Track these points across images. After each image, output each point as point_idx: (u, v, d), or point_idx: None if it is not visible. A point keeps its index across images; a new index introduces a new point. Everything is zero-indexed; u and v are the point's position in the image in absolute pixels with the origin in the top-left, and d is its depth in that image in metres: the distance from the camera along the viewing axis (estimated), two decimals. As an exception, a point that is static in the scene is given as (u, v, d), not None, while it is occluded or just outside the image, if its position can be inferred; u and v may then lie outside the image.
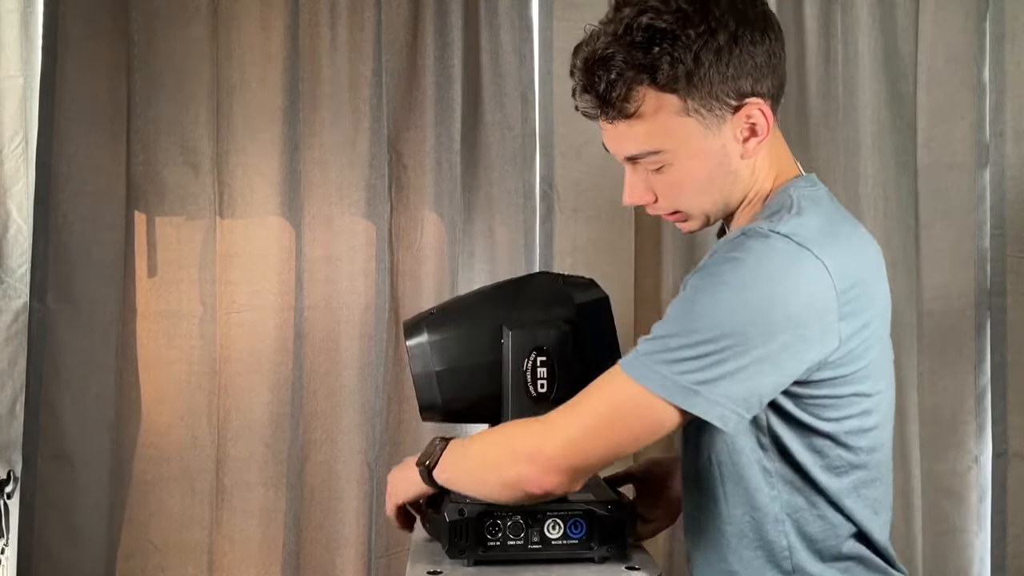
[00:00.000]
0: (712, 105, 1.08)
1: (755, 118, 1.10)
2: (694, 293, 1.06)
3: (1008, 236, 1.95)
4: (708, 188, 1.15)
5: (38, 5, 1.79)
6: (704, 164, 1.12)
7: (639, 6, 1.08)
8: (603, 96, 1.10)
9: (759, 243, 1.05)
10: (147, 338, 1.87)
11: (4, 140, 1.78)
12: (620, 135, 1.13)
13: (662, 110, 1.09)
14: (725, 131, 1.10)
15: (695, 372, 1.03)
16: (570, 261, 1.93)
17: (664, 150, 1.11)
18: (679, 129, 1.09)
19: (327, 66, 1.89)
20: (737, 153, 1.12)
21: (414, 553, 1.32)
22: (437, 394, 1.29)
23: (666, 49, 1.06)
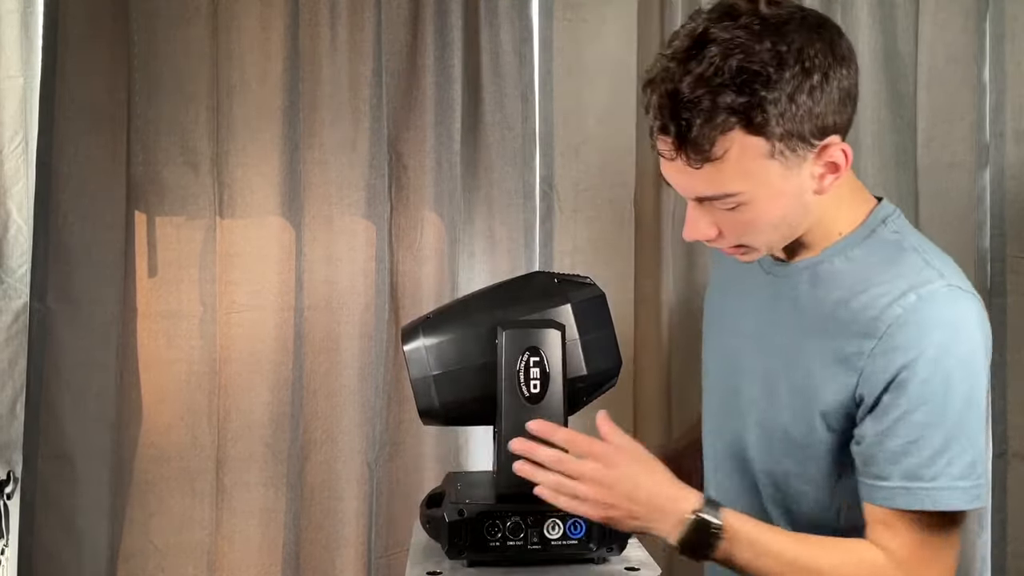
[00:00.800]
0: (797, 146, 1.05)
1: (836, 157, 1.08)
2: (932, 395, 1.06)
3: (1008, 236, 1.95)
4: (779, 225, 1.13)
5: (38, 5, 1.79)
6: (780, 204, 1.10)
7: (726, 45, 1.02)
8: (690, 141, 1.04)
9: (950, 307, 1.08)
10: (147, 338, 1.87)
11: (4, 140, 1.78)
12: (696, 177, 1.08)
13: (746, 153, 1.04)
14: (804, 169, 1.08)
15: (978, 468, 1.08)
16: (570, 261, 1.93)
17: (742, 192, 1.08)
18: (760, 172, 1.06)
19: (327, 66, 1.89)
20: (812, 189, 1.10)
21: (414, 553, 1.33)
22: (435, 398, 1.29)
23: (760, 93, 1.02)
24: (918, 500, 1.07)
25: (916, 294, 1.07)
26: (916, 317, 1.07)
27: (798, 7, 1.08)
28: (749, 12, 1.04)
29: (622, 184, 1.94)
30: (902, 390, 1.06)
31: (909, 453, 1.07)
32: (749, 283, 1.27)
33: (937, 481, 1.06)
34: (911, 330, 1.07)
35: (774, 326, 1.21)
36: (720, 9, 1.06)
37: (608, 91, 1.93)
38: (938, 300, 1.08)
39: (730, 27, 1.03)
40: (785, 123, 1.03)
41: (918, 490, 1.07)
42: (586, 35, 1.93)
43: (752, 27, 1.03)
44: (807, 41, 1.04)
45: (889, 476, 1.08)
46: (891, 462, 1.08)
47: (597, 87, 1.93)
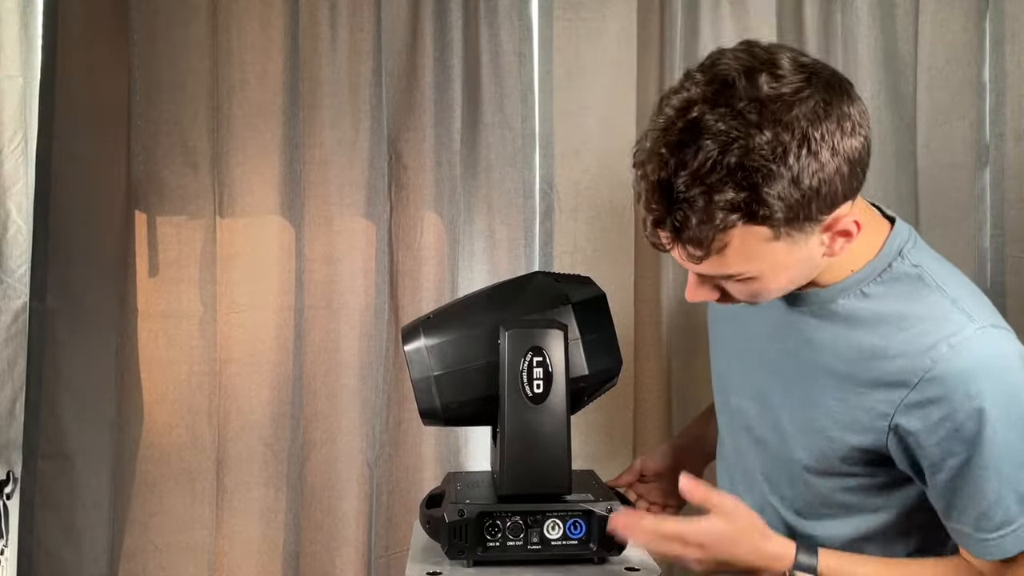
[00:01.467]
0: (804, 225, 1.00)
1: (847, 226, 1.03)
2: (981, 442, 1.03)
3: (1008, 236, 1.94)
4: (788, 286, 1.10)
5: (38, 5, 1.79)
6: (787, 273, 1.07)
7: (722, 139, 0.95)
8: (688, 238, 1.00)
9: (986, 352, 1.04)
10: (147, 338, 1.87)
11: (4, 140, 1.78)
12: (702, 266, 1.04)
13: (748, 241, 1.00)
14: (812, 240, 1.03)
15: None
16: (570, 261, 1.93)
17: (746, 271, 1.04)
18: (765, 254, 1.02)
19: (327, 66, 1.89)
20: (821, 253, 1.06)
21: (414, 553, 1.33)
22: (436, 399, 1.29)
23: (762, 189, 0.95)
24: (987, 551, 1.07)
25: (947, 344, 1.04)
26: (950, 369, 1.03)
27: (803, 77, 0.99)
28: (747, 95, 0.96)
29: (622, 184, 1.94)
30: (949, 444, 1.04)
31: (972, 503, 1.05)
32: (748, 319, 1.25)
33: (1001, 530, 1.05)
34: (947, 382, 1.03)
35: (786, 356, 1.19)
36: (715, 84, 0.98)
37: (608, 91, 1.93)
38: (972, 348, 1.04)
39: (726, 116, 0.95)
40: (790, 210, 0.97)
41: (983, 541, 1.06)
42: (586, 35, 1.93)
43: (750, 116, 0.95)
44: (813, 122, 0.96)
45: (963, 523, 1.07)
46: (960, 509, 1.07)
47: (597, 87, 1.93)
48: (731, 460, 1.34)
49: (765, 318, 1.22)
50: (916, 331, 1.06)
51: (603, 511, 1.25)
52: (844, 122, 0.99)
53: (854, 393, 1.10)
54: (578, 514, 1.26)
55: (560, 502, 1.27)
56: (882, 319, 1.09)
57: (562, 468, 1.26)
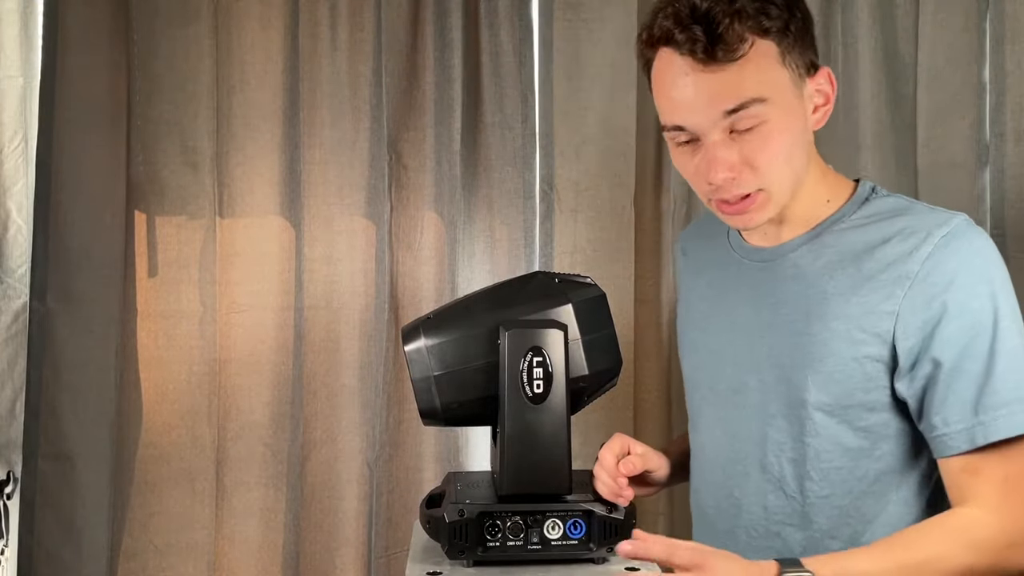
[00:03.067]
0: (799, 63, 1.14)
1: (825, 84, 1.17)
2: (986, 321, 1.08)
3: (1008, 236, 1.94)
4: (791, 157, 1.16)
5: (38, 5, 1.79)
6: (793, 123, 1.15)
7: None
8: (718, 36, 1.10)
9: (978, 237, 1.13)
10: (147, 338, 1.88)
11: (4, 140, 1.78)
12: (720, 84, 1.12)
13: (764, 56, 1.11)
14: (805, 94, 1.16)
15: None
16: (570, 261, 1.93)
17: (767, 98, 1.12)
18: (778, 79, 1.13)
19: (327, 66, 1.89)
20: (811, 123, 1.17)
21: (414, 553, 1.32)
22: (436, 399, 1.29)
23: (767, 8, 1.11)
24: (995, 430, 1.07)
25: (941, 232, 1.11)
26: (948, 250, 1.10)
27: None
28: None
29: (622, 184, 1.94)
30: (955, 324, 1.09)
31: (979, 386, 1.08)
32: (728, 282, 1.28)
33: (1011, 406, 1.07)
34: (949, 263, 1.10)
35: (776, 307, 1.21)
36: None
37: (608, 91, 1.93)
38: (965, 232, 1.12)
39: None
40: (790, 30, 1.12)
41: (992, 422, 1.07)
42: (586, 35, 1.93)
43: None
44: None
45: (961, 418, 1.08)
46: (961, 403, 1.08)
47: (597, 87, 1.93)
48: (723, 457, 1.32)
49: (744, 293, 1.26)
50: (906, 232, 1.13)
51: (603, 511, 1.25)
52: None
53: (856, 305, 1.14)
54: (578, 514, 1.26)
55: (560, 502, 1.26)
56: (875, 233, 1.16)
57: (562, 468, 1.26)
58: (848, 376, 1.15)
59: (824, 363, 1.16)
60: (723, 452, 1.30)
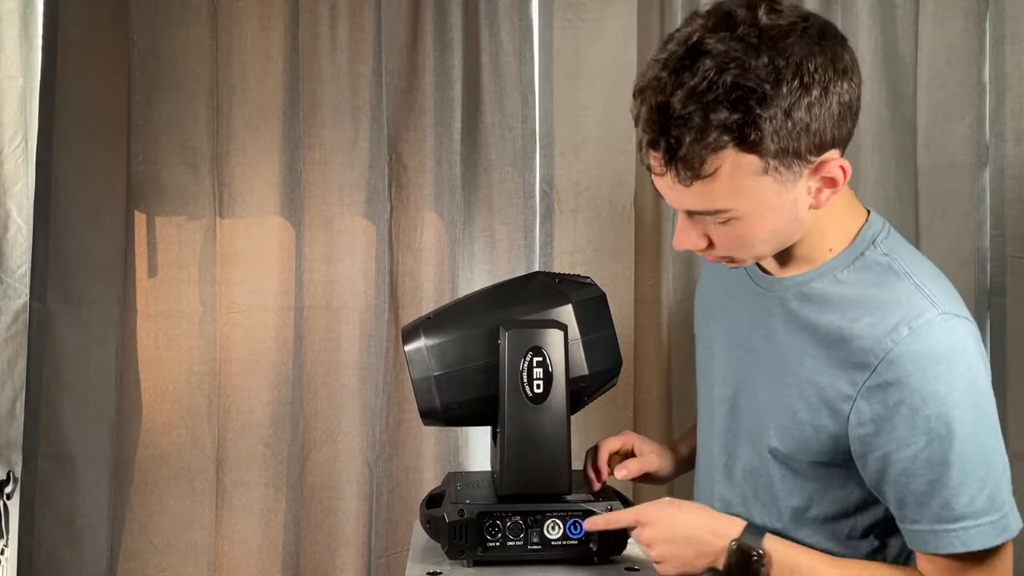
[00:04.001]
0: (792, 163, 1.01)
1: (834, 173, 1.04)
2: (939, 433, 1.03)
3: (1008, 236, 1.94)
4: (771, 238, 1.10)
5: (38, 5, 1.79)
6: (773, 219, 1.06)
7: (721, 59, 0.97)
8: (680, 158, 1.00)
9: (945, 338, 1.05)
10: (147, 338, 1.88)
11: (4, 140, 1.78)
12: (685, 193, 1.04)
13: (739, 171, 1.00)
14: (799, 185, 1.04)
15: (998, 499, 1.05)
16: (570, 261, 1.93)
17: (733, 208, 1.04)
18: (753, 189, 1.02)
19: (327, 66, 1.89)
20: (807, 204, 1.07)
21: (414, 553, 1.33)
22: (436, 399, 1.29)
23: (755, 110, 0.97)
24: (948, 543, 1.05)
25: (908, 327, 1.04)
26: (910, 351, 1.04)
27: (800, 15, 1.02)
28: (747, 22, 0.99)
29: (622, 184, 1.94)
30: (907, 427, 1.04)
31: (931, 494, 1.04)
32: (739, 288, 1.25)
33: (963, 522, 1.04)
34: (906, 365, 1.03)
35: (764, 340, 1.19)
36: (717, 15, 1.01)
37: (608, 91, 1.93)
38: (933, 332, 1.04)
39: (726, 38, 0.98)
40: (780, 140, 0.98)
41: (944, 532, 1.05)
42: (586, 35, 1.93)
43: (749, 40, 0.98)
44: (807, 54, 0.98)
45: (918, 520, 1.06)
46: (917, 504, 1.06)
47: (597, 87, 1.93)
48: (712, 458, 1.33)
49: (746, 306, 1.23)
50: (881, 314, 1.07)
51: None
52: (837, 62, 1.01)
53: (824, 375, 1.11)
54: (578, 514, 1.26)
55: (560, 502, 1.27)
56: (851, 303, 1.10)
57: (562, 468, 1.26)
58: (804, 438, 1.13)
59: (785, 416, 1.14)
60: (706, 449, 1.32)
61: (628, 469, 1.39)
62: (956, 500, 1.04)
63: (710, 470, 1.31)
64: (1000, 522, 1.05)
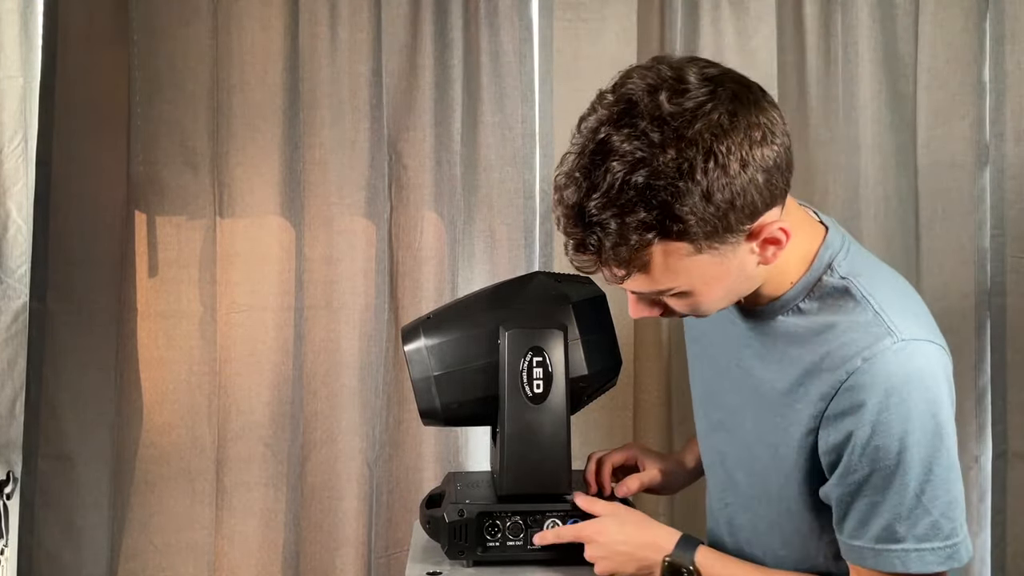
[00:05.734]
0: (726, 237, 1.00)
1: (773, 234, 1.03)
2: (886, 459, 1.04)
3: (1008, 236, 1.94)
4: (726, 297, 1.10)
5: (38, 5, 1.79)
6: (721, 284, 1.06)
7: (628, 159, 0.95)
8: (607, 260, 1.00)
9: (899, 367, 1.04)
10: (147, 338, 1.87)
11: (4, 140, 1.78)
12: (627, 283, 1.05)
13: (671, 256, 1.00)
14: (740, 251, 1.03)
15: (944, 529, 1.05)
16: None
17: (677, 286, 1.04)
18: (692, 267, 1.02)
19: (327, 66, 1.89)
20: (755, 263, 1.06)
21: (414, 553, 1.33)
22: (436, 399, 1.29)
23: (673, 205, 0.95)
24: (888, 563, 1.06)
25: (861, 358, 1.04)
26: (861, 381, 1.04)
27: (707, 91, 0.98)
28: (649, 114, 0.97)
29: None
30: (857, 455, 1.05)
31: (874, 515, 1.06)
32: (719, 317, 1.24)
33: (904, 543, 1.05)
34: (858, 395, 1.04)
35: (743, 372, 1.20)
36: (619, 104, 1.00)
37: (608, 91, 1.93)
38: (888, 361, 1.04)
39: (630, 136, 0.96)
40: (706, 224, 0.97)
41: (886, 552, 1.06)
42: (586, 35, 1.93)
43: (652, 136, 0.96)
44: (717, 136, 0.96)
45: (859, 536, 1.08)
46: (859, 523, 1.08)
47: (597, 87, 1.91)
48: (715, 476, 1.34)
49: (728, 334, 1.23)
50: (839, 343, 1.07)
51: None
52: (753, 131, 0.98)
53: (792, 409, 1.12)
54: (578, 514, 1.26)
55: (560, 502, 1.27)
56: (812, 334, 1.10)
57: (562, 468, 1.26)
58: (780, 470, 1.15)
59: (767, 451, 1.16)
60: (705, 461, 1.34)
61: (628, 487, 1.40)
62: (898, 524, 1.05)
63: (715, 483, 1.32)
64: (945, 550, 1.05)
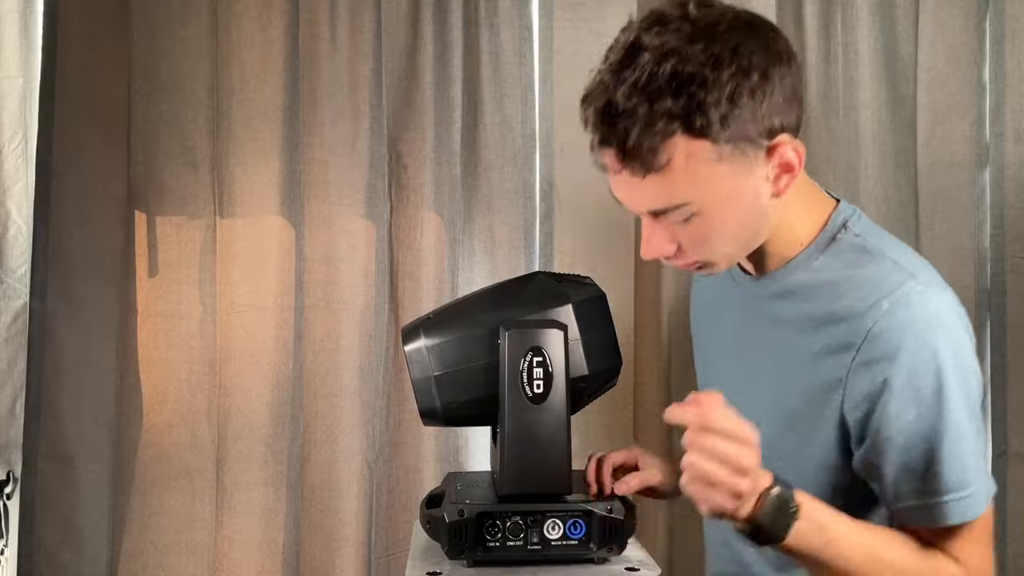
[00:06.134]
0: (746, 148, 1.03)
1: (788, 156, 1.06)
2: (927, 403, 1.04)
3: (1008, 236, 1.94)
4: (737, 233, 1.11)
5: (38, 5, 1.79)
6: (735, 209, 1.08)
7: (658, 51, 1.00)
8: (630, 150, 1.02)
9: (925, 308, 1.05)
10: (147, 338, 1.87)
11: (4, 140, 1.78)
12: (644, 189, 1.06)
13: (693, 158, 1.02)
14: (757, 172, 1.06)
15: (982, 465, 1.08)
16: (570, 261, 1.93)
17: (694, 201, 1.05)
18: (710, 177, 1.04)
19: (327, 66, 1.89)
20: (768, 193, 1.08)
21: (414, 553, 1.33)
22: (436, 399, 1.29)
23: (698, 96, 0.99)
24: (942, 515, 1.05)
25: (888, 301, 1.05)
26: (892, 324, 1.04)
27: (729, 7, 1.06)
28: (678, 17, 1.03)
29: (622, 184, 1.94)
30: (898, 403, 1.04)
31: (927, 466, 1.05)
32: (727, 295, 1.26)
33: (963, 491, 1.05)
34: (889, 339, 1.04)
35: (755, 345, 1.20)
36: (650, 17, 1.05)
37: (608, 91, 1.93)
38: (913, 303, 1.05)
39: (661, 32, 1.02)
40: (729, 125, 1.01)
41: (937, 506, 1.05)
42: (586, 35, 1.93)
43: (683, 31, 1.01)
44: (741, 41, 1.02)
45: (915, 495, 1.07)
46: (914, 479, 1.06)
47: (597, 87, 1.93)
48: None
49: (735, 315, 1.24)
50: (859, 293, 1.08)
51: (603, 511, 1.25)
52: (772, 47, 1.05)
53: (811, 365, 1.11)
54: (578, 514, 1.26)
55: (560, 502, 1.27)
56: (829, 287, 1.11)
57: (562, 468, 1.26)
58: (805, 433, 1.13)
59: (785, 419, 1.15)
60: None
61: (628, 484, 1.39)
62: (949, 470, 1.05)
63: None
64: (988, 488, 1.08)
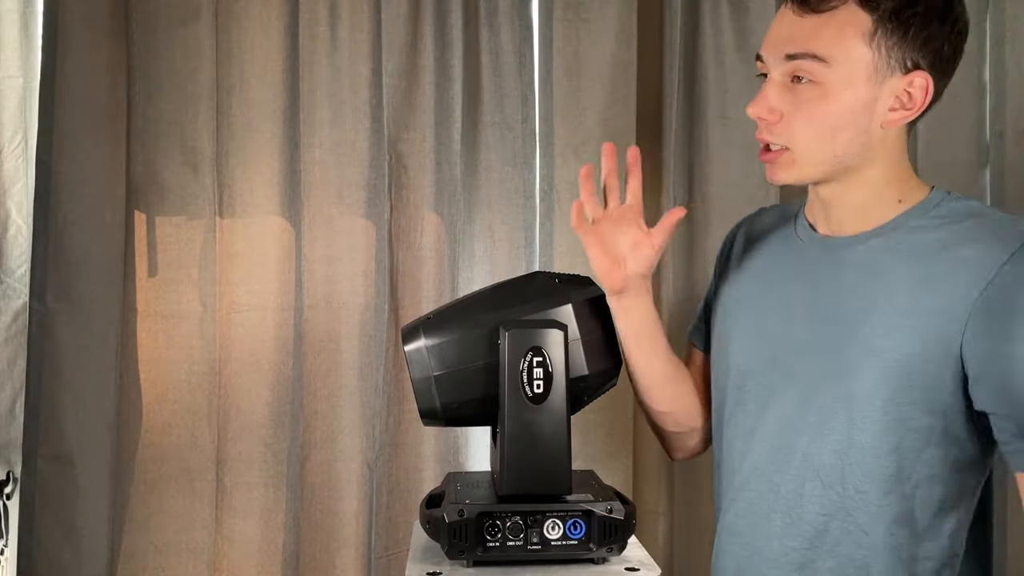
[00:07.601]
0: (892, 53, 1.10)
1: (916, 89, 1.12)
2: None
3: (1008, 236, 1.94)
4: (834, 133, 1.14)
5: (38, 5, 1.79)
6: (849, 102, 1.12)
7: None
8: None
9: None
10: (147, 338, 1.88)
11: (4, 140, 1.78)
12: (797, 28, 1.12)
13: (851, 25, 1.10)
14: (885, 88, 1.11)
15: None
16: (570, 261, 1.93)
17: (829, 60, 1.11)
18: (853, 50, 1.10)
19: (327, 66, 1.89)
20: (880, 116, 1.13)
21: (414, 553, 1.32)
22: (436, 399, 1.29)
23: None
24: None
25: (1020, 239, 1.07)
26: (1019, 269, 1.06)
27: None
28: None
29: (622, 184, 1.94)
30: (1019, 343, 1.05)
31: None
32: (787, 266, 1.25)
33: None
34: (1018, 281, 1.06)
35: (837, 296, 1.18)
36: None
37: (608, 91, 1.93)
38: None
39: None
40: (896, 15, 1.08)
41: None
42: (586, 35, 1.93)
43: None
44: None
45: None
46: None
47: (597, 87, 1.93)
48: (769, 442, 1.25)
49: (802, 279, 1.23)
50: (983, 235, 1.10)
51: (603, 511, 1.25)
52: (963, 14, 1.13)
53: (923, 302, 1.10)
54: (578, 514, 1.26)
55: (560, 502, 1.27)
56: (945, 237, 1.12)
57: (562, 468, 1.26)
58: (907, 374, 1.11)
59: (881, 358, 1.12)
60: (770, 436, 1.25)
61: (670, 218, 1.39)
62: None
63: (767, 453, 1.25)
64: None
